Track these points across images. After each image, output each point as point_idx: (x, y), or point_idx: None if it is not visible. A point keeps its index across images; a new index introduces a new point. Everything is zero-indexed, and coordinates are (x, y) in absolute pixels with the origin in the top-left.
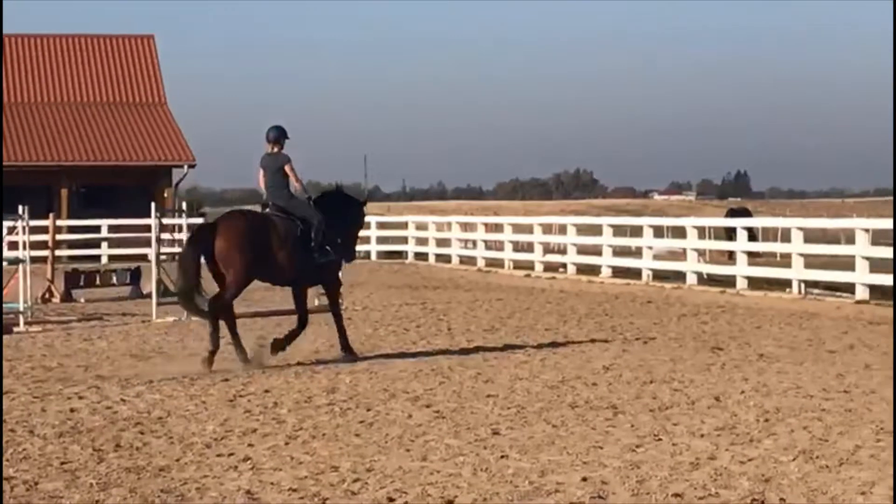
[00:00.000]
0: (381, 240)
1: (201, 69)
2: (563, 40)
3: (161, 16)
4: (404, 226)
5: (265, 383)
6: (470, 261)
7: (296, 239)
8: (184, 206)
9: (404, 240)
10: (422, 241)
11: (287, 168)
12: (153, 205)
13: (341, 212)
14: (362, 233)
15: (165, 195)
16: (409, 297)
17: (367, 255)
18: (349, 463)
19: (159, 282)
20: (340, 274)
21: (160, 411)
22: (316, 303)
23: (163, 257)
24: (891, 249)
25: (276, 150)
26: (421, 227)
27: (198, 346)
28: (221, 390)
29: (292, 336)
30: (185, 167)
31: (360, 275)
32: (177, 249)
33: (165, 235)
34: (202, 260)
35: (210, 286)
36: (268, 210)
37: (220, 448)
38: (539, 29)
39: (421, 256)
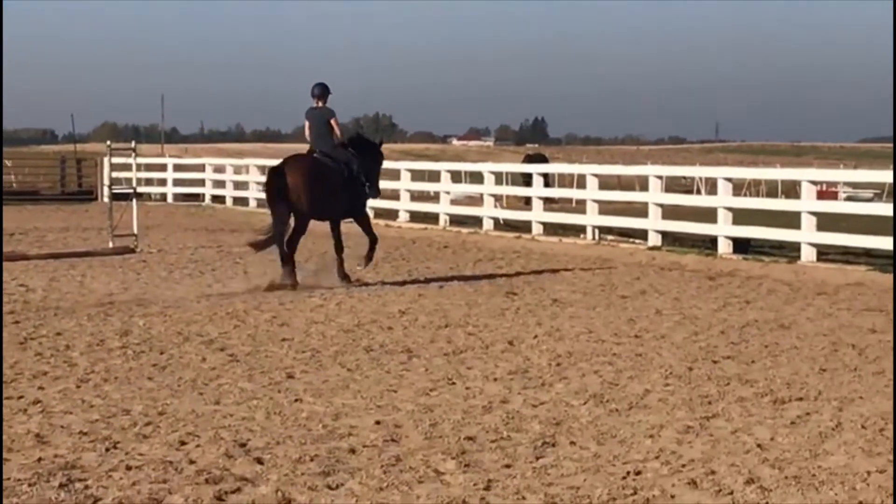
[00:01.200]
0: (177, 182)
1: None
2: None
3: None
4: (201, 168)
5: (57, 326)
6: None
7: (343, 180)
8: None
9: (202, 182)
10: (219, 184)
11: (333, 121)
12: None
13: (366, 154)
14: (158, 175)
15: None
16: (205, 239)
17: (164, 197)
18: (141, 406)
19: None
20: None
21: None
22: (110, 245)
23: None
24: (680, 197)
25: (320, 104)
26: (218, 169)
27: None
28: (12, 332)
29: (341, 262)
30: None
31: (156, 218)
32: None
33: None
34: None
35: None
36: (316, 155)
37: (10, 391)
38: None
39: (218, 199)
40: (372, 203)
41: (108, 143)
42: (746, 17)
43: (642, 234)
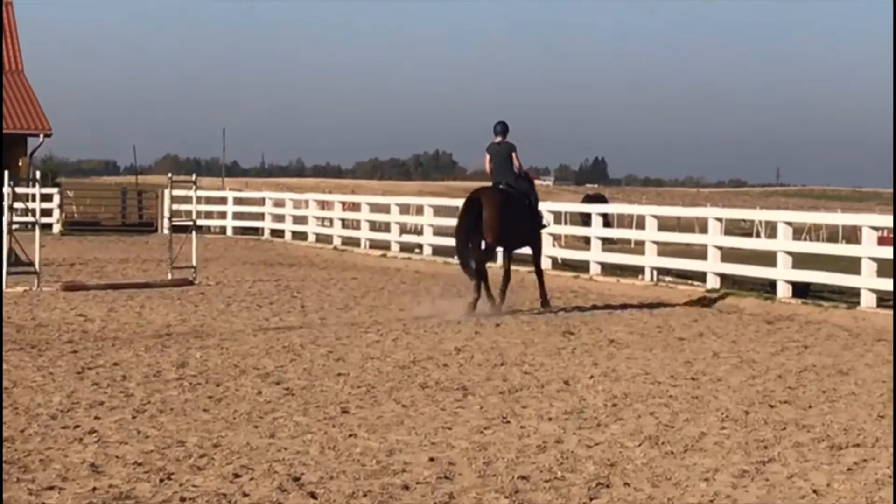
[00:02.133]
0: (237, 215)
1: (60, 37)
2: (421, 27)
3: None
4: (261, 202)
5: (114, 356)
6: (326, 239)
7: (525, 209)
8: (38, 175)
9: (261, 216)
10: (278, 218)
11: (514, 155)
12: (6, 174)
13: (531, 186)
14: (218, 208)
15: (20, 164)
16: (263, 273)
17: (223, 230)
18: (196, 438)
19: (11, 251)
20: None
21: (7, 381)
22: (169, 276)
23: (15, 227)
24: (740, 239)
25: (500, 139)
26: (278, 203)
27: (46, 315)
28: (70, 362)
29: (504, 289)
30: (41, 136)
31: (214, 250)
32: (30, 219)
33: (18, 205)
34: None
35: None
36: (502, 187)
37: (66, 420)
38: (397, 11)
39: (277, 233)
40: (430, 240)
41: (170, 175)
42: (809, 60)
43: (701, 276)
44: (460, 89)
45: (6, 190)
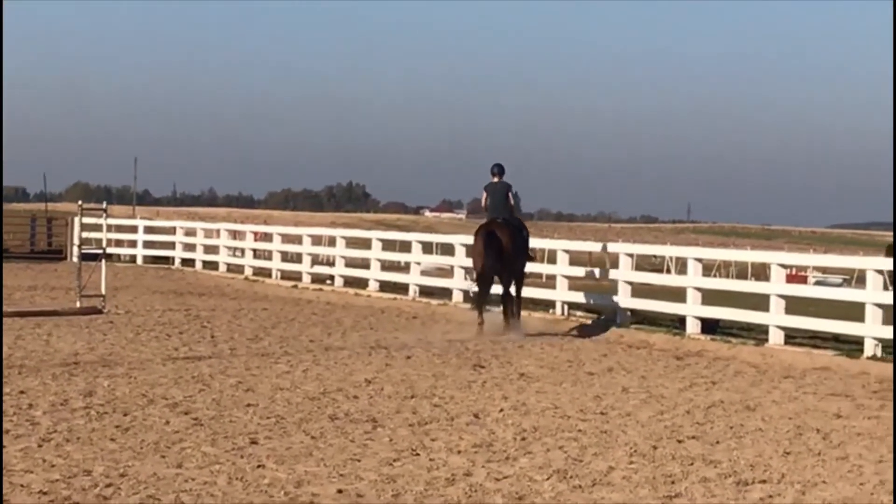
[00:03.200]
0: (148, 244)
1: None
2: (343, 59)
3: None
4: (172, 231)
5: (20, 384)
6: (238, 269)
7: (523, 242)
8: None
9: (172, 245)
10: (190, 248)
11: (510, 193)
12: None
13: (521, 224)
14: (129, 236)
15: None
16: (173, 302)
17: (134, 258)
18: (102, 468)
19: None
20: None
21: None
22: (77, 304)
23: None
24: (650, 275)
25: (497, 179)
26: (189, 232)
27: None
28: None
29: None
30: None
31: (124, 279)
32: None
33: None
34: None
35: None
36: (500, 221)
37: None
38: (312, 41)
39: (188, 263)
40: (342, 272)
41: (80, 203)
42: (719, 99)
43: (611, 311)
44: (373, 121)
45: None
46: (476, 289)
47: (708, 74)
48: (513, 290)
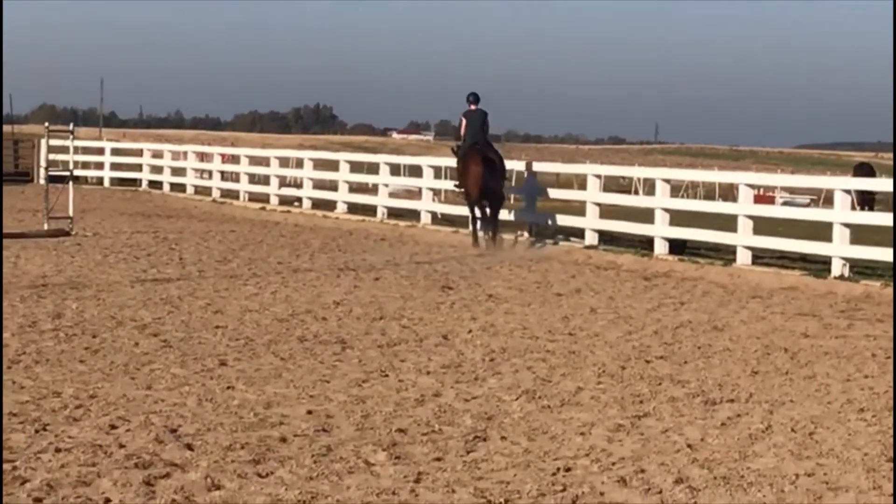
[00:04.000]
0: (114, 166)
1: None
2: None
3: None
4: (139, 153)
5: None
6: (205, 191)
7: (504, 168)
8: None
9: (139, 167)
10: (157, 170)
11: (487, 120)
12: None
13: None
14: (95, 158)
15: None
16: (141, 225)
17: (101, 181)
18: (72, 389)
19: None
20: None
21: None
22: (45, 227)
23: None
24: (618, 196)
25: (474, 107)
26: (156, 155)
27: None
28: None
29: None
30: None
31: (92, 201)
32: None
33: None
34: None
35: None
36: (479, 147)
37: None
38: None
39: (155, 185)
40: (310, 193)
41: (46, 124)
42: (687, 18)
43: (579, 233)
44: (341, 43)
45: None
46: (470, 211)
47: None
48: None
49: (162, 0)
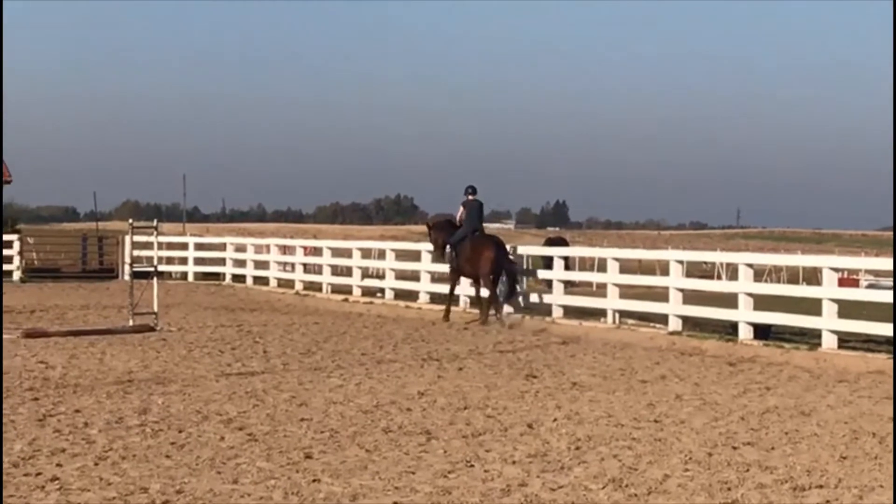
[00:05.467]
0: (198, 261)
1: (18, 83)
2: (384, 70)
3: None
4: (222, 247)
5: (76, 403)
6: (288, 284)
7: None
8: None
9: (222, 261)
10: (240, 263)
11: (482, 209)
12: None
13: None
14: (179, 253)
15: None
16: (225, 318)
17: (185, 276)
18: (159, 485)
19: None
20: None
21: None
22: (130, 322)
23: None
24: (701, 281)
25: (472, 197)
26: (239, 248)
27: (7, 363)
28: (31, 409)
29: (500, 305)
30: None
31: (176, 296)
32: None
33: None
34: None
35: None
36: (476, 234)
37: (28, 467)
38: (359, 58)
39: (239, 278)
40: (392, 284)
41: (131, 221)
42: (769, 104)
43: (663, 319)
44: (423, 134)
45: None
46: (484, 290)
47: (754, 77)
48: (485, 291)
49: (241, 98)
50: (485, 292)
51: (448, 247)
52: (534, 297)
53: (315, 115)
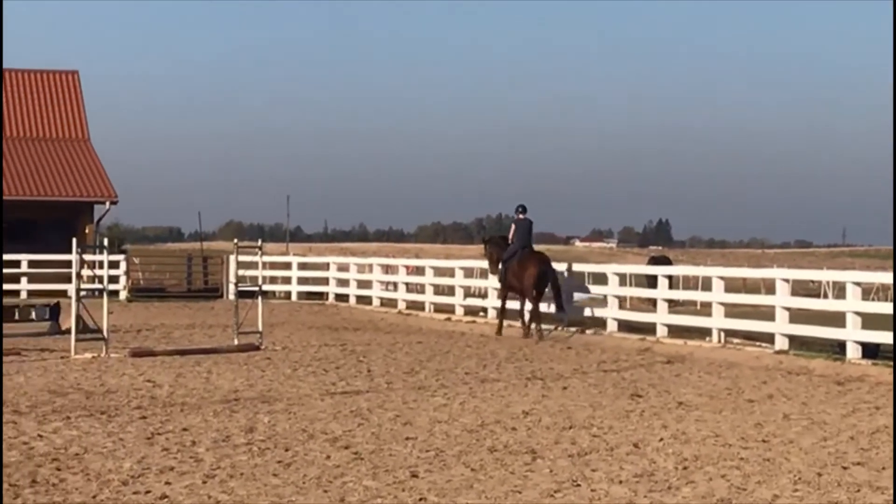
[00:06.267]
0: (301, 280)
1: (125, 106)
2: (482, 90)
3: (86, 51)
4: (325, 267)
5: (183, 421)
6: (391, 303)
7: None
8: (105, 242)
9: (325, 281)
10: (343, 283)
11: (532, 228)
12: (74, 241)
13: None
14: (283, 273)
15: (87, 231)
16: (329, 338)
17: (288, 295)
18: (266, 503)
19: (78, 318)
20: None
21: (77, 447)
22: (235, 341)
23: (83, 293)
24: (808, 300)
25: (522, 216)
26: (342, 268)
27: (114, 382)
28: (139, 428)
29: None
30: (107, 203)
31: (280, 315)
32: (97, 286)
33: (86, 272)
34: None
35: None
36: (525, 250)
37: (137, 486)
38: (460, 76)
39: (342, 298)
40: (494, 303)
41: (235, 241)
42: (873, 121)
43: (769, 338)
44: (523, 153)
45: (74, 257)
46: (529, 305)
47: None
48: (528, 305)
49: (340, 118)
50: (528, 306)
51: (500, 263)
52: (637, 316)
53: (416, 136)
